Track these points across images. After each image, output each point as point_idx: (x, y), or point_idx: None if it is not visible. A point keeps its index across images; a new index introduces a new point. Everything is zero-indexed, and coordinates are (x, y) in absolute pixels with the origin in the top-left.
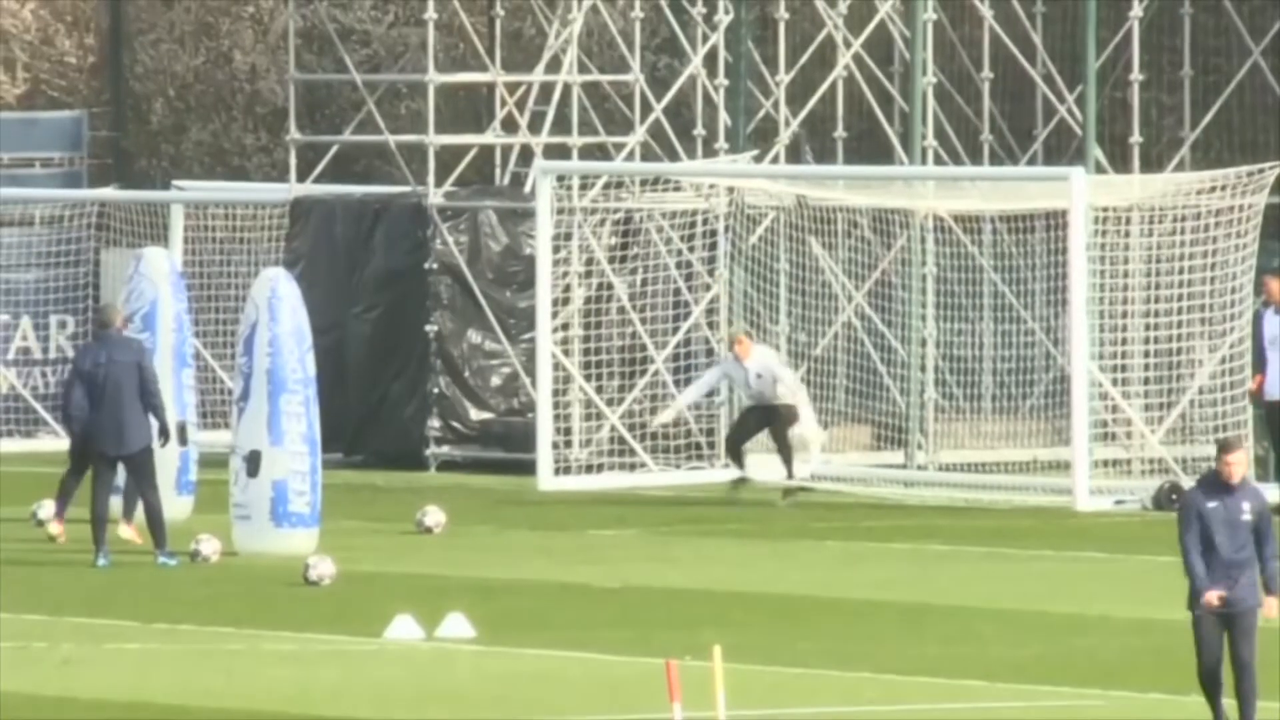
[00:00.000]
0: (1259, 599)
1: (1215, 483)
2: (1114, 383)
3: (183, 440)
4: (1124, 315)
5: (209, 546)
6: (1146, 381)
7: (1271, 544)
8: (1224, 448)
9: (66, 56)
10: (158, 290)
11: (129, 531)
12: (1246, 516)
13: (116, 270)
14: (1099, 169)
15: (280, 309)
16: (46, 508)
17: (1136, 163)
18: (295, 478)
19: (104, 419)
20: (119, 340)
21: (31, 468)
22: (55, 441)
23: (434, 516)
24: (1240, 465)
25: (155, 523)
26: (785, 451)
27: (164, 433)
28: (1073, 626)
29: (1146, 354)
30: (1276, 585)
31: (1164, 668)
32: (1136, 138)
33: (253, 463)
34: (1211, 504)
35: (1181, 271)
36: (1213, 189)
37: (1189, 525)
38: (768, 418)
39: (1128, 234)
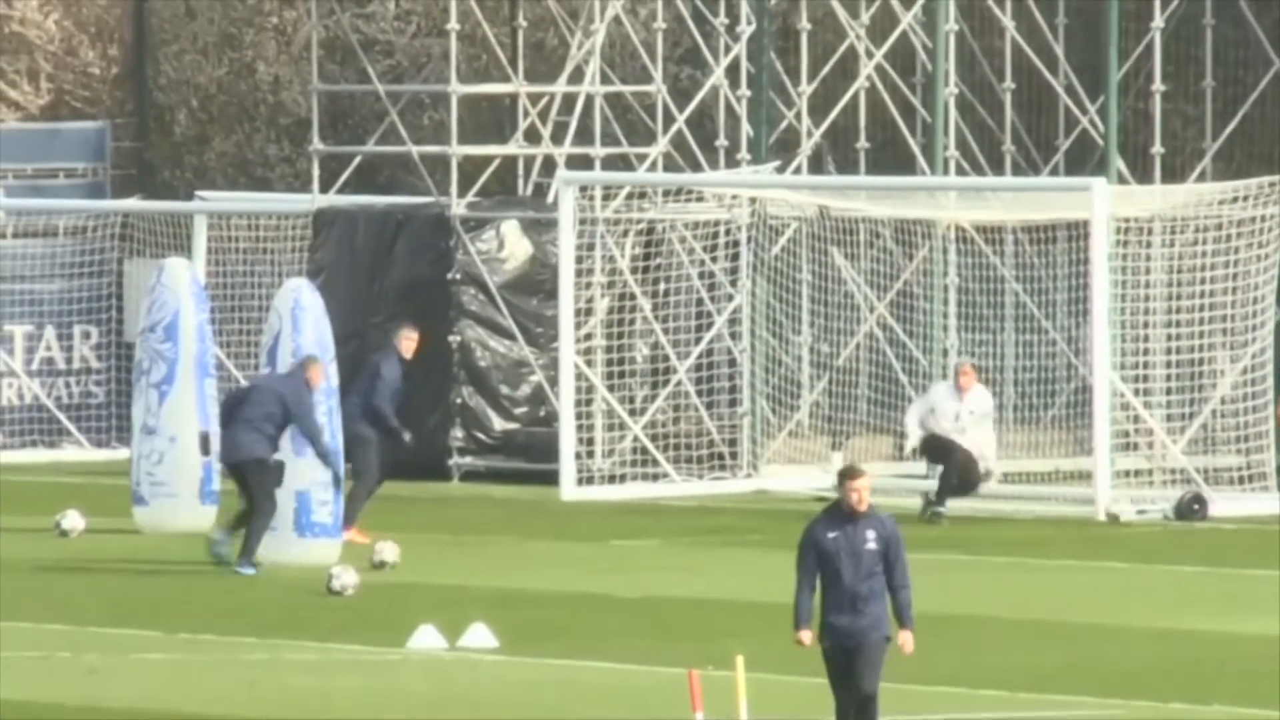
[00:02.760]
0: (887, 631)
1: (839, 511)
2: (1136, 393)
3: (205, 450)
4: (1145, 326)
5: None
6: (1168, 392)
7: (902, 572)
8: (848, 474)
9: (90, 67)
10: (180, 301)
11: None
12: (871, 545)
13: (139, 281)
14: (1121, 179)
15: (303, 319)
16: (70, 518)
17: (1158, 173)
18: (318, 488)
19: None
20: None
21: (55, 478)
22: (78, 451)
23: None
24: (866, 492)
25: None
26: (951, 483)
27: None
28: (1095, 636)
29: (1168, 364)
30: (909, 617)
31: (1186, 677)
32: (1158, 148)
33: (277, 473)
34: (832, 534)
35: (1203, 282)
36: (1234, 199)
37: (803, 558)
38: (945, 456)
39: (1149, 244)
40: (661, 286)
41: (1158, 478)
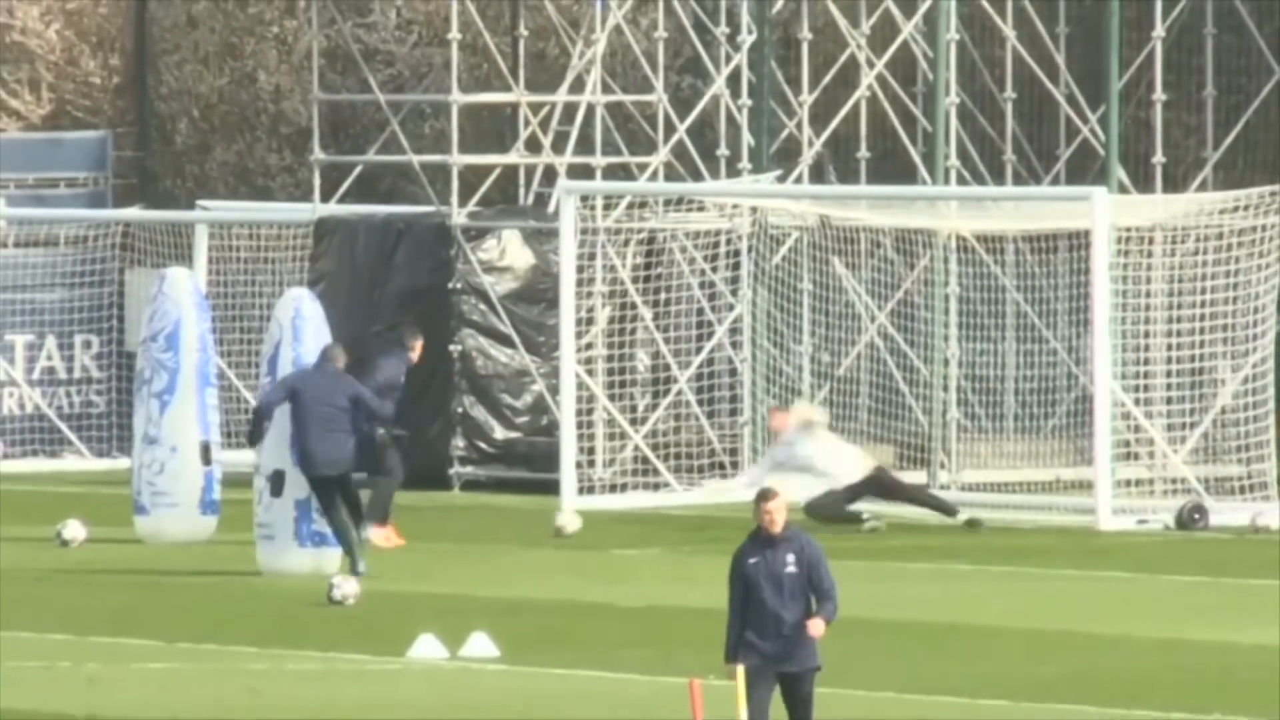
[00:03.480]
0: (819, 661)
1: (759, 536)
2: (1136, 402)
3: (206, 460)
4: (1146, 335)
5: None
6: (1169, 401)
7: (827, 585)
8: (761, 497)
9: (91, 77)
10: (181, 310)
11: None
12: (791, 569)
13: (141, 290)
14: (1122, 189)
15: (304, 329)
16: (71, 527)
17: (1159, 182)
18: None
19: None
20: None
21: (56, 487)
22: (79, 461)
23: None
24: (779, 514)
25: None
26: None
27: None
28: (1096, 646)
29: (1169, 374)
30: (825, 610)
31: (1187, 687)
32: (1159, 157)
33: (276, 482)
34: (753, 559)
35: (1204, 291)
36: (1235, 209)
37: (730, 586)
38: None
39: (1150, 254)
40: (663, 296)
41: (1158, 487)
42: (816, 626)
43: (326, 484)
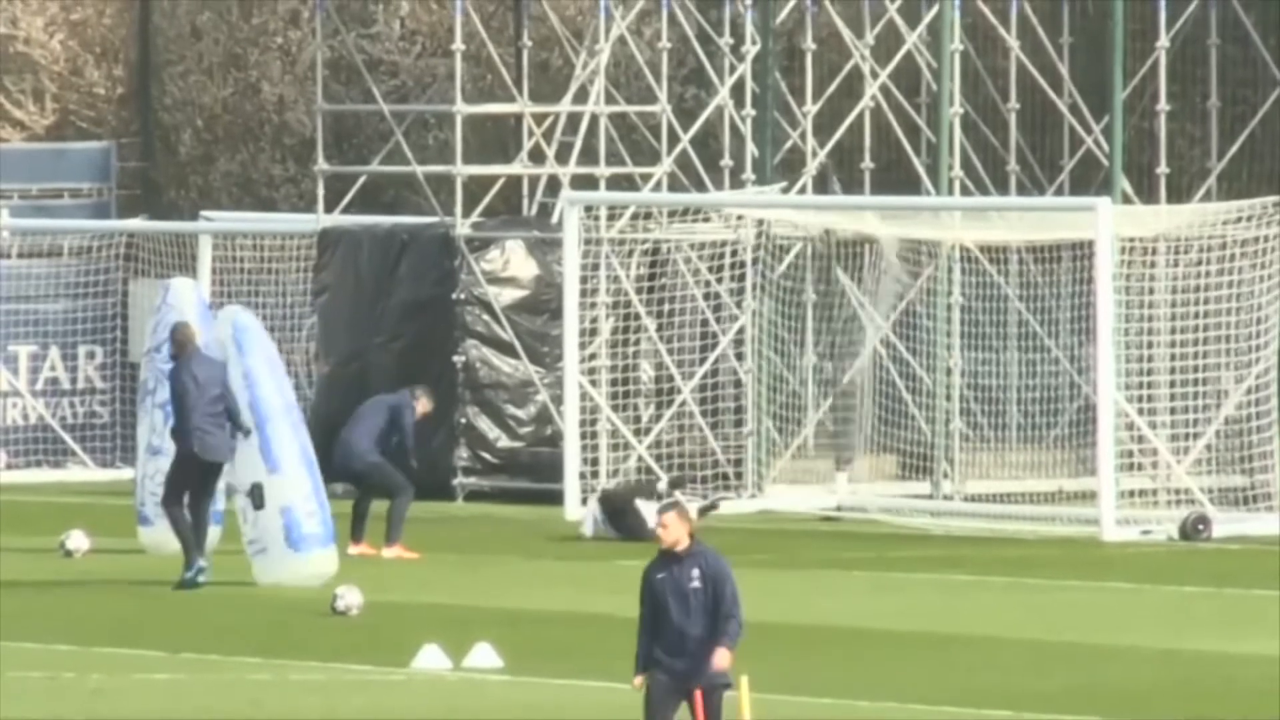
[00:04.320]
0: (728, 677)
1: (667, 550)
2: (1140, 413)
3: None
4: (1150, 345)
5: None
6: (1172, 411)
7: (729, 604)
8: (660, 510)
9: (95, 87)
10: (185, 321)
11: (360, 550)
12: (695, 584)
13: (145, 301)
14: (1125, 199)
15: (246, 340)
16: (74, 538)
17: (1163, 193)
18: (301, 500)
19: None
20: (204, 358)
21: (60, 498)
22: (83, 471)
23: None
24: (671, 529)
25: (200, 533)
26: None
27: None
28: (1099, 657)
29: (1172, 384)
30: (726, 633)
31: (1191, 698)
32: (1163, 168)
33: (257, 494)
34: (660, 574)
35: (1207, 302)
36: (1239, 219)
37: (640, 601)
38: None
39: (1153, 264)
40: (666, 306)
41: (1162, 498)
42: (722, 658)
43: (214, 471)
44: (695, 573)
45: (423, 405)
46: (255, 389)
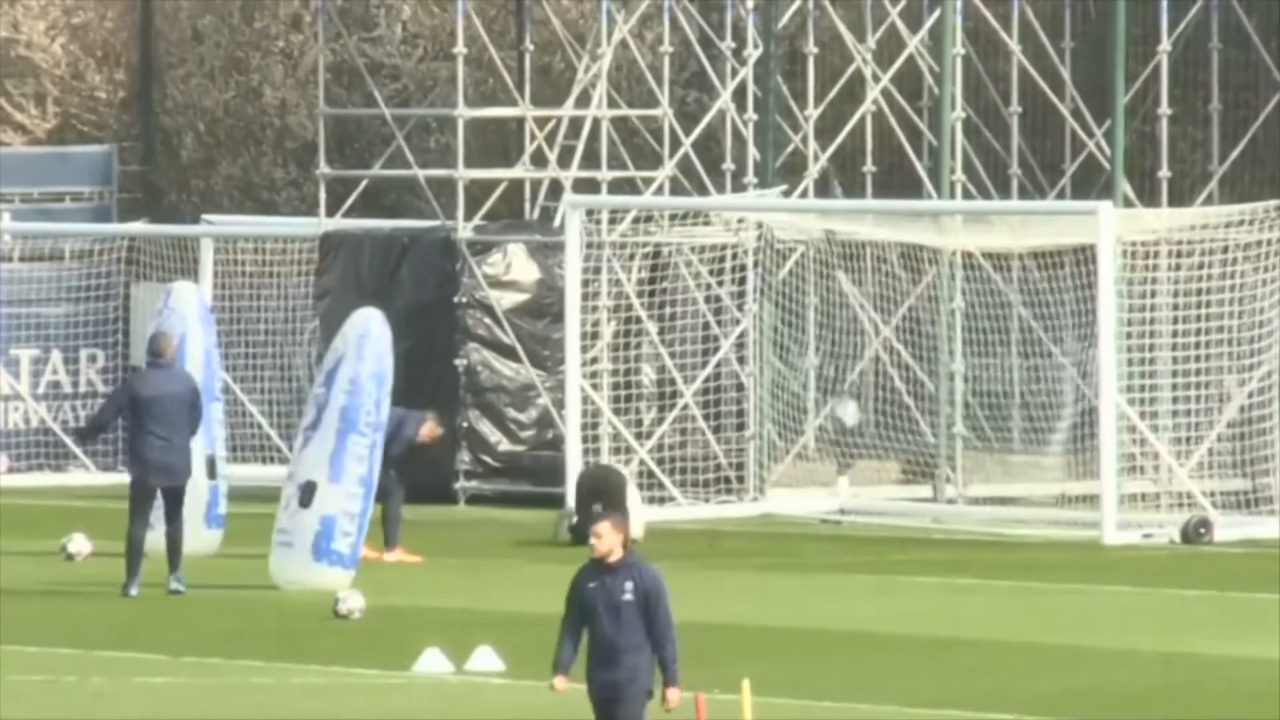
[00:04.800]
0: (648, 685)
1: (600, 561)
2: (1142, 416)
3: (211, 474)
4: (1152, 349)
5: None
6: (1174, 415)
7: (663, 625)
8: (593, 520)
9: (97, 91)
10: (187, 324)
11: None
12: (628, 597)
13: (146, 305)
14: (1127, 203)
15: (367, 349)
16: (76, 541)
17: (1165, 197)
18: (345, 518)
19: (153, 450)
20: (174, 372)
21: (61, 501)
22: (85, 475)
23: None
24: (603, 540)
25: (174, 549)
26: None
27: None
28: (1101, 660)
29: (1174, 388)
30: (673, 673)
31: (1192, 701)
32: (1165, 172)
33: (307, 493)
34: (592, 584)
35: (1209, 305)
36: (1240, 223)
37: (566, 607)
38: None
39: (1156, 268)
40: (668, 310)
41: (1164, 501)
42: (674, 697)
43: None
44: (629, 585)
45: (429, 429)
46: (355, 397)
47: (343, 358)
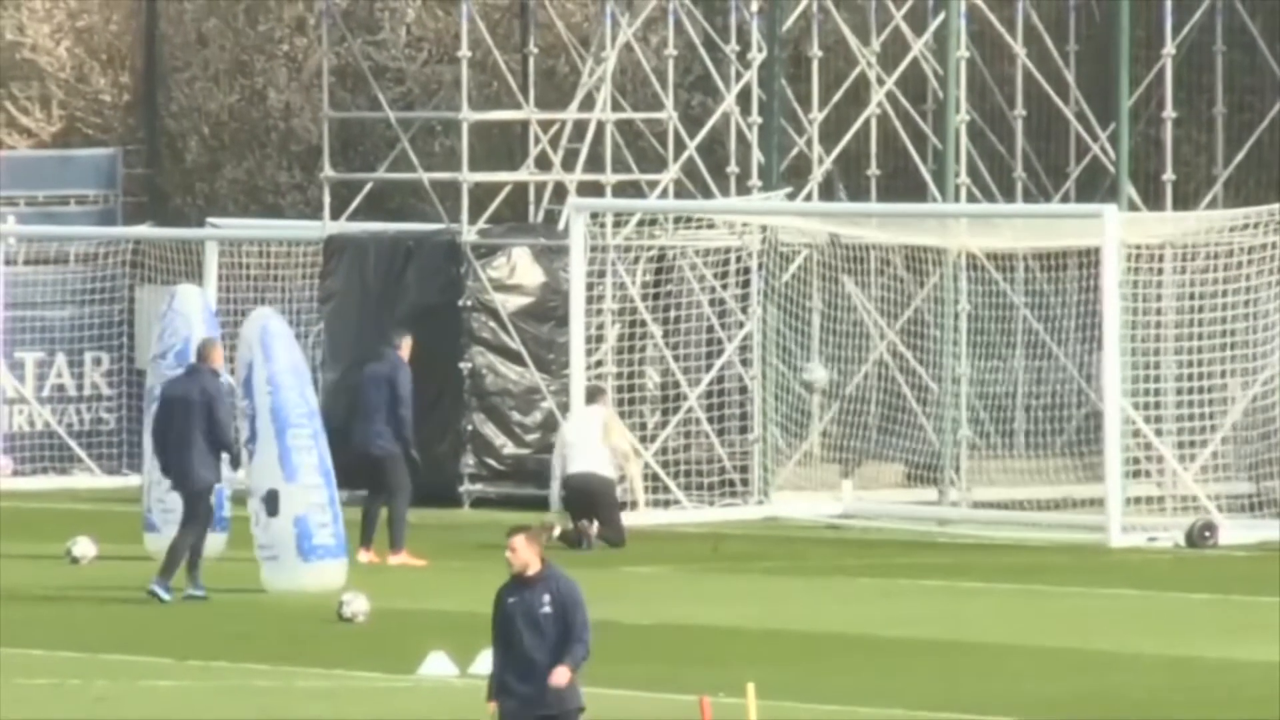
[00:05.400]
0: (581, 700)
1: (518, 575)
2: (1147, 420)
3: (272, 510)
4: (1157, 352)
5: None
6: (1179, 419)
7: (576, 633)
8: (507, 534)
9: (102, 94)
10: (191, 327)
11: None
12: (546, 610)
13: (151, 307)
14: (1132, 206)
15: (274, 345)
16: (81, 545)
17: (1169, 200)
18: (315, 510)
19: (167, 454)
20: (190, 376)
21: (66, 505)
22: (90, 478)
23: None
24: (519, 553)
25: (170, 555)
26: None
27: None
28: (1105, 663)
29: (1179, 391)
30: (569, 657)
31: (1196, 705)
32: (1169, 175)
33: (271, 502)
34: (512, 599)
35: (1214, 309)
36: (1245, 226)
37: (493, 623)
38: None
39: (1160, 271)
40: (672, 313)
41: (1169, 505)
42: (560, 675)
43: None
44: (546, 598)
45: (405, 349)
46: (278, 394)
47: (252, 363)
